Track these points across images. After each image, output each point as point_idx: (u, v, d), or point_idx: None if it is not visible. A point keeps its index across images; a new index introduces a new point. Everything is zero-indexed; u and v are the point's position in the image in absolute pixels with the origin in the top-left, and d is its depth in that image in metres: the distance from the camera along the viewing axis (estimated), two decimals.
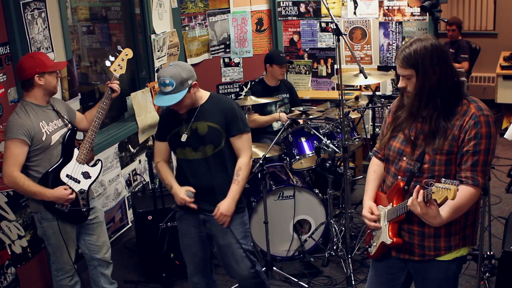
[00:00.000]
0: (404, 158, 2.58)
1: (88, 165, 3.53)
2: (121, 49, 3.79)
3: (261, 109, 5.15)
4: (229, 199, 3.23)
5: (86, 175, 3.49)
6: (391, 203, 2.62)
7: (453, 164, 2.49)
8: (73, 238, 3.53)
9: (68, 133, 3.45)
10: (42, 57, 3.38)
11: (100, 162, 3.60)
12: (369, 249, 2.80)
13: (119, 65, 3.73)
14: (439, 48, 2.45)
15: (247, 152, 3.28)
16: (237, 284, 3.78)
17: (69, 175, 3.41)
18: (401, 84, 2.50)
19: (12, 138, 3.22)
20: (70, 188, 3.38)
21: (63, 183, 3.37)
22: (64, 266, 3.53)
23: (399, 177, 2.60)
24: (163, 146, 3.35)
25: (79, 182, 3.45)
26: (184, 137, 3.21)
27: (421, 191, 2.35)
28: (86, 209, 3.50)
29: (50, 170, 3.35)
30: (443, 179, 2.25)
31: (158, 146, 3.38)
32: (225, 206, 3.22)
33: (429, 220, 2.40)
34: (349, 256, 4.22)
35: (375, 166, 2.84)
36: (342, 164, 4.58)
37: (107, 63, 3.71)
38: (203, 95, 3.26)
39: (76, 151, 3.48)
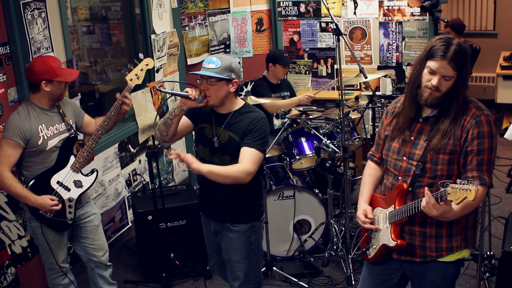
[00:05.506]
0: (404, 158, 2.58)
1: (83, 174, 3.47)
2: (142, 58, 3.60)
3: (261, 109, 5.15)
4: (200, 163, 2.93)
5: (78, 184, 3.43)
6: (393, 205, 2.61)
7: (455, 164, 2.49)
8: (61, 240, 3.50)
9: (67, 139, 3.41)
10: (53, 64, 3.30)
11: (95, 172, 3.53)
12: (367, 252, 2.79)
13: (136, 74, 3.57)
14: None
15: (250, 165, 2.93)
16: None
17: (60, 182, 3.37)
18: (437, 83, 2.41)
19: (7, 137, 3.22)
20: (59, 195, 3.35)
21: (52, 189, 3.34)
22: (54, 266, 3.53)
23: (400, 177, 2.60)
24: (185, 120, 3.13)
25: (69, 190, 3.40)
26: (216, 143, 3.04)
27: (429, 193, 2.34)
28: (71, 219, 3.43)
29: (41, 174, 3.32)
30: (458, 180, 2.25)
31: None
32: (194, 158, 2.92)
33: (444, 216, 2.40)
34: (349, 256, 4.22)
35: (371, 170, 2.84)
36: (342, 164, 4.58)
37: (124, 71, 3.54)
38: (238, 103, 3.08)
39: (72, 159, 3.43)
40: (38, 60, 3.38)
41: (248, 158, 2.95)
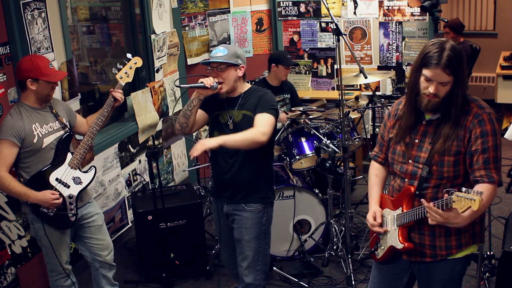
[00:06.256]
0: (410, 161, 2.58)
1: (81, 171, 3.48)
2: (130, 57, 3.71)
3: None
4: (216, 138, 3.14)
5: (77, 181, 3.44)
6: (400, 208, 2.61)
7: (461, 164, 2.49)
8: (64, 241, 3.50)
9: (63, 136, 3.42)
10: (40, 63, 3.31)
11: (94, 168, 3.54)
12: (375, 252, 2.80)
13: (126, 73, 3.65)
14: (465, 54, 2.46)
15: (263, 126, 3.13)
16: (237, 285, 3.78)
17: (59, 179, 3.37)
18: (435, 90, 2.41)
19: (1, 138, 3.22)
20: (58, 192, 3.34)
21: (52, 186, 3.34)
22: (57, 267, 3.53)
23: (406, 180, 2.60)
24: (200, 111, 3.30)
25: (68, 187, 3.40)
26: (231, 125, 3.23)
27: (427, 205, 2.36)
28: (73, 215, 3.44)
29: (38, 172, 3.32)
30: (464, 188, 2.26)
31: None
32: (206, 139, 3.16)
33: (452, 223, 2.40)
34: (349, 256, 4.22)
35: (376, 170, 2.84)
36: (342, 164, 4.58)
37: (114, 71, 3.64)
38: (247, 86, 3.33)
39: (69, 155, 3.43)
40: (27, 58, 3.40)
41: (262, 121, 3.16)
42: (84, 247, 3.66)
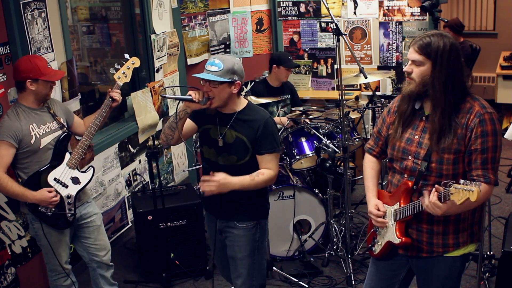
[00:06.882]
0: (410, 157, 2.59)
1: (79, 171, 3.48)
2: (128, 58, 3.71)
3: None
4: (234, 178, 2.99)
5: (75, 181, 3.44)
6: (398, 203, 2.62)
7: (461, 163, 2.50)
8: (63, 240, 3.50)
9: (61, 136, 3.42)
10: (39, 63, 3.32)
11: (92, 168, 3.54)
12: (372, 248, 2.80)
13: (123, 73, 3.65)
14: (457, 47, 2.49)
15: (273, 169, 3.08)
16: None
17: (57, 178, 3.37)
18: (408, 68, 2.51)
19: None
20: (57, 191, 3.34)
21: (50, 186, 3.33)
22: (56, 267, 3.53)
23: (406, 175, 2.61)
24: (189, 122, 3.14)
25: (67, 186, 3.40)
26: (220, 142, 3.06)
27: (435, 192, 2.36)
28: (71, 215, 3.44)
29: (37, 172, 3.32)
30: (462, 180, 2.27)
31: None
32: (224, 175, 2.97)
33: (447, 213, 2.43)
34: (349, 256, 4.22)
35: (371, 163, 2.86)
36: (342, 164, 4.58)
37: (112, 71, 3.64)
38: (242, 103, 3.11)
39: (67, 155, 3.43)
40: (24, 59, 3.40)
41: (272, 164, 3.08)
42: (82, 247, 3.66)
